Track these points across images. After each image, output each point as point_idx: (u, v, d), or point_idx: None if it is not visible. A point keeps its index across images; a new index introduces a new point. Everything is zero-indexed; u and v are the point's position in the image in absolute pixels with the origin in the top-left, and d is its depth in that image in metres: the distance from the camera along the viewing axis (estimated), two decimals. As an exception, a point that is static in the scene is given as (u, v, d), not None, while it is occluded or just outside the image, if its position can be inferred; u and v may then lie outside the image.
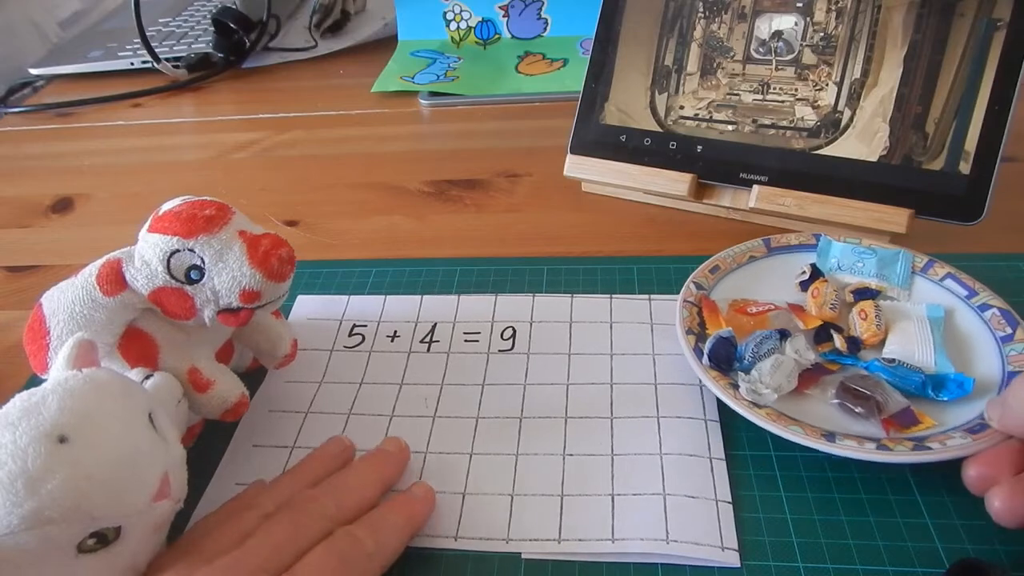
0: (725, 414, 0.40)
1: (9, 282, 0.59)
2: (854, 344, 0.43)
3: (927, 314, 0.44)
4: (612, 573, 0.35)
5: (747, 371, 0.41)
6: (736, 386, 0.40)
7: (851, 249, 0.48)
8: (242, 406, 0.40)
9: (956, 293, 0.45)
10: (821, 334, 0.44)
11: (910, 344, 0.43)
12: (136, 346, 0.38)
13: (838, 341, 0.43)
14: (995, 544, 0.34)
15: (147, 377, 0.37)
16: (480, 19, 0.87)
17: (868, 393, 0.39)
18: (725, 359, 0.42)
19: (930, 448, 0.36)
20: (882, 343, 0.44)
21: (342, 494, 0.36)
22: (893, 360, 0.41)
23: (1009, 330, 0.42)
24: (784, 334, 0.43)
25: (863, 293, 0.46)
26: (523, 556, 0.35)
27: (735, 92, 0.55)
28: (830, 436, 0.37)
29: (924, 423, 0.38)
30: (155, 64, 0.87)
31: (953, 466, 0.36)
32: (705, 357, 0.41)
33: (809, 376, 0.41)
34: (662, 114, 0.58)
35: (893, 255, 0.48)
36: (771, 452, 0.39)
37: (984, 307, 0.44)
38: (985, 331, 0.43)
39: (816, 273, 0.47)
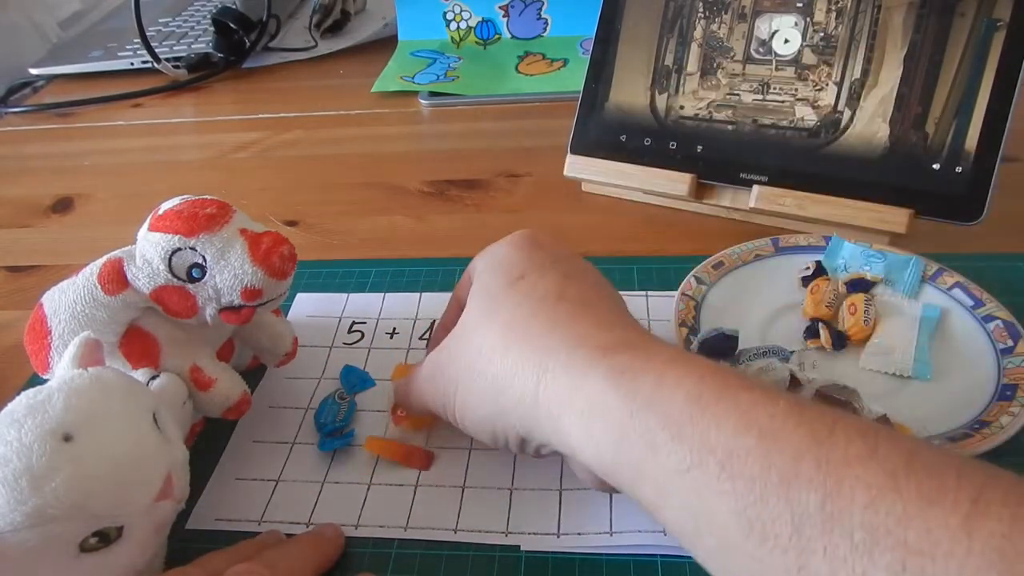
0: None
1: (9, 282, 0.59)
2: (839, 339, 0.43)
3: (921, 313, 0.44)
4: (611, 568, 0.35)
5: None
6: None
7: (860, 251, 0.47)
8: (244, 404, 0.40)
9: (962, 303, 0.44)
10: (810, 330, 0.44)
11: (893, 343, 0.42)
12: (138, 345, 0.38)
13: (823, 336, 0.43)
14: (995, 542, 0.34)
15: (153, 378, 0.37)
16: (480, 19, 0.88)
17: (844, 400, 0.38)
18: (722, 357, 0.41)
19: None
20: (869, 338, 0.43)
21: (276, 564, 0.33)
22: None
23: (1011, 342, 0.41)
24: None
25: (856, 284, 0.46)
26: (522, 548, 0.36)
27: (735, 92, 0.56)
28: None
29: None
30: (155, 64, 0.87)
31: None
32: (695, 347, 0.42)
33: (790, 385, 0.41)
34: (662, 114, 0.58)
35: (903, 261, 0.46)
36: (772, 451, 0.39)
37: (989, 318, 0.43)
38: (985, 341, 0.42)
39: (820, 270, 0.47)
